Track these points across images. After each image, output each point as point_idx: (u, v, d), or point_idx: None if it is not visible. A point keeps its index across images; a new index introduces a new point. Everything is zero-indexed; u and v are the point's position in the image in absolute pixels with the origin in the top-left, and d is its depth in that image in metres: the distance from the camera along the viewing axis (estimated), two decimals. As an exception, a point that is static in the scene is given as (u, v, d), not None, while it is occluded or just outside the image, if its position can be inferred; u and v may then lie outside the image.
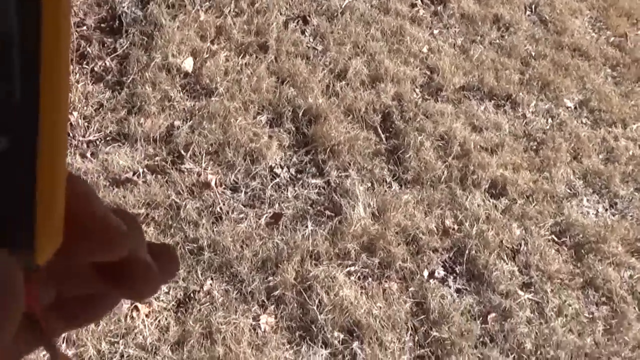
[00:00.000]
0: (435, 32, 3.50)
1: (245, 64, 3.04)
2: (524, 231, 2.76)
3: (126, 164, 2.63)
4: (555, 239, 2.79)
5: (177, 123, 2.79)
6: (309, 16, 3.34)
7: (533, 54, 3.56)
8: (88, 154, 2.64)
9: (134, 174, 2.61)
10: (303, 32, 3.29)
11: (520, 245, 2.71)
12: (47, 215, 0.28)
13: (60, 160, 0.29)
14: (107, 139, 2.71)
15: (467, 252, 2.62)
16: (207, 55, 3.02)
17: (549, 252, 2.71)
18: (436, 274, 2.56)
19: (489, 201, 2.82)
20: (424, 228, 2.65)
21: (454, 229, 2.70)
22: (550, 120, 3.25)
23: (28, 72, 0.26)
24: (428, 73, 3.28)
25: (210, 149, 2.73)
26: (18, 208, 0.28)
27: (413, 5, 3.59)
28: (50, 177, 0.28)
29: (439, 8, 3.61)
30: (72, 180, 0.30)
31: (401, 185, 2.79)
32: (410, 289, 2.49)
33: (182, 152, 2.69)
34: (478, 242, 2.65)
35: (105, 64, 2.94)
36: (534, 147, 3.10)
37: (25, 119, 0.26)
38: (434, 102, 3.14)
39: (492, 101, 3.25)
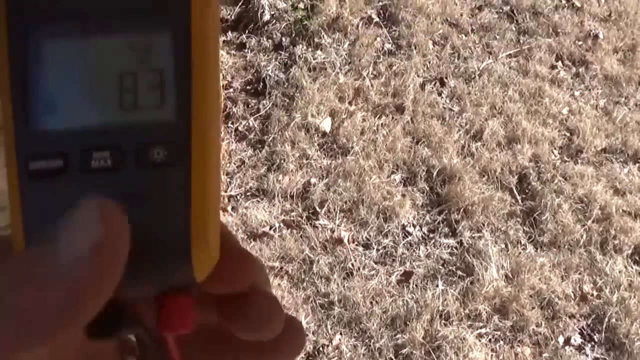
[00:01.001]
0: (577, 93, 3.43)
1: (382, 124, 3.11)
2: (670, 301, 2.60)
3: (264, 219, 2.74)
4: None
5: (313, 180, 2.88)
6: (446, 78, 3.38)
7: (683, 116, 3.40)
8: (229, 208, 2.78)
9: (270, 228, 2.71)
10: (440, 94, 3.32)
11: (666, 316, 2.55)
12: (203, 228, 0.30)
13: (213, 176, 0.31)
14: (247, 194, 2.84)
15: (606, 319, 2.51)
16: (345, 116, 3.12)
17: (698, 324, 2.54)
18: (572, 341, 2.46)
19: (632, 267, 2.69)
20: (560, 292, 2.56)
21: (592, 295, 2.59)
22: (701, 185, 3.07)
23: (182, 96, 0.30)
24: (567, 135, 3.21)
25: (344, 206, 2.79)
26: (174, 220, 0.29)
27: (553, 67, 3.54)
28: (203, 190, 0.30)
29: (580, 69, 3.55)
30: None
31: (537, 248, 2.72)
32: (544, 355, 2.40)
33: (317, 208, 2.77)
34: (619, 309, 2.53)
35: (249, 123, 3.10)
36: (683, 212, 2.94)
37: (180, 134, 0.30)
38: (573, 164, 3.06)
39: (637, 164, 3.12)
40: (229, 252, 0.32)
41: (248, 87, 3.27)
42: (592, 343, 2.47)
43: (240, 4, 3.54)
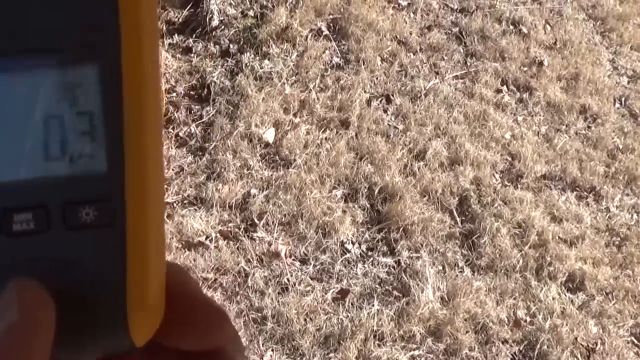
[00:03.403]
0: (520, 118, 3.47)
1: (326, 138, 3.08)
2: (601, 330, 2.63)
3: (200, 228, 2.67)
4: (635, 341, 2.64)
5: (253, 191, 2.82)
6: (393, 95, 3.37)
7: (620, 147, 3.46)
8: (164, 216, 2.70)
9: (206, 238, 2.65)
10: (385, 111, 3.31)
11: (597, 345, 2.58)
12: (140, 292, 0.27)
13: (153, 233, 0.28)
14: (184, 202, 2.77)
15: (538, 346, 2.52)
16: (289, 128, 3.08)
17: (627, 354, 2.57)
18: (504, 367, 2.46)
19: (565, 295, 2.71)
20: (495, 317, 2.57)
21: (526, 320, 2.60)
22: (635, 215, 3.12)
23: (112, 145, 0.26)
24: (509, 159, 3.23)
25: (283, 220, 2.74)
26: (107, 286, 0.27)
27: (498, 91, 3.57)
28: (141, 251, 0.27)
29: (524, 95, 3.58)
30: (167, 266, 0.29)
31: (474, 271, 2.72)
32: (475, 380, 2.39)
33: (256, 220, 2.72)
34: (551, 337, 2.54)
35: (190, 129, 3.03)
36: (617, 242, 2.99)
37: (112, 188, 0.26)
38: (513, 188, 3.08)
39: (575, 192, 3.17)
40: (195, 304, 0.30)
41: (192, 93, 3.20)
42: (524, 369, 2.47)
43: (188, 7, 3.47)
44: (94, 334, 0.27)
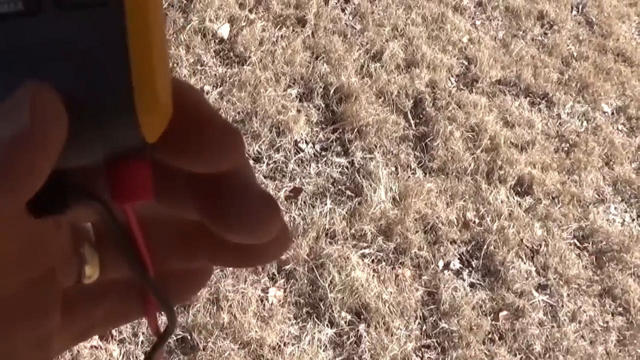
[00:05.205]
0: (478, 22, 3.44)
1: (282, 36, 3.01)
2: (545, 232, 2.70)
3: (152, 124, 2.62)
4: (577, 243, 2.73)
5: (207, 88, 2.77)
6: (351, -6, 3.30)
7: (575, 54, 3.48)
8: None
9: (158, 134, 2.60)
10: (343, 10, 3.24)
11: (541, 246, 2.66)
12: (146, 77, 0.24)
13: (155, 14, 0.25)
14: (136, 96, 2.71)
15: (485, 247, 2.58)
16: (244, 24, 3.00)
17: (569, 256, 2.66)
18: (451, 266, 2.52)
19: (514, 198, 2.77)
20: (444, 218, 2.61)
21: (474, 222, 2.65)
22: (585, 123, 3.17)
23: None
24: (465, 63, 3.22)
25: (237, 117, 2.71)
26: (110, 69, 0.24)
27: (458, -6, 3.53)
28: (143, 28, 0.24)
29: (483, -1, 3.55)
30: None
31: (425, 173, 2.75)
32: (423, 278, 2.45)
33: (209, 117, 2.67)
34: (498, 238, 2.61)
35: (142, 22, 2.93)
36: (566, 148, 3.04)
37: None
38: (468, 92, 3.08)
39: (528, 98, 3.19)
40: (204, 117, 0.26)
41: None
42: (470, 268, 2.54)
43: None
44: (99, 126, 0.24)
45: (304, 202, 2.53)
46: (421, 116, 2.94)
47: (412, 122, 2.90)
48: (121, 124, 0.25)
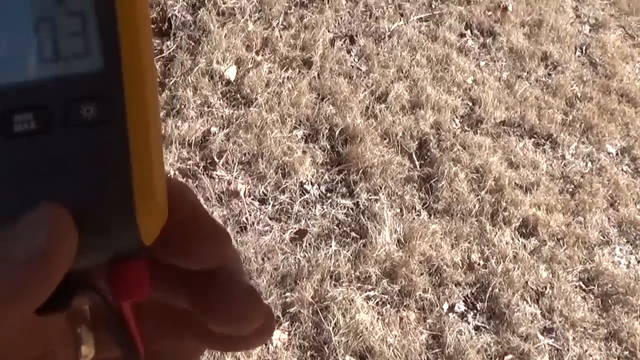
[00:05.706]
0: (482, 63, 3.47)
1: (288, 77, 3.05)
2: (550, 274, 2.70)
3: (159, 165, 2.64)
4: (583, 285, 2.73)
5: (213, 129, 2.80)
6: (357, 36, 3.34)
7: (579, 95, 3.50)
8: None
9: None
10: (349, 52, 3.28)
11: (546, 289, 2.65)
12: (145, 187, 0.27)
13: (152, 129, 0.28)
14: (143, 138, 2.73)
15: (490, 289, 2.58)
16: (251, 65, 3.04)
17: (574, 298, 2.65)
18: (456, 308, 2.52)
19: (518, 240, 2.77)
20: (449, 260, 2.61)
21: (479, 264, 2.66)
22: (590, 164, 3.19)
23: (108, 43, 0.26)
24: (470, 104, 3.25)
25: (243, 159, 2.73)
26: (113, 181, 0.27)
27: (462, 35, 3.56)
28: (143, 146, 0.27)
29: (487, 40, 3.58)
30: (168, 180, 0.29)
31: (430, 215, 2.76)
32: (428, 321, 2.45)
33: (216, 158, 2.70)
34: (503, 280, 2.61)
35: (150, 64, 2.97)
36: (570, 189, 3.05)
37: (111, 86, 0.26)
38: (472, 133, 3.11)
39: (532, 139, 3.21)
40: (195, 219, 0.30)
41: (152, 26, 3.13)
42: (475, 311, 2.54)
43: (149, -64, 3.36)
44: (102, 232, 0.27)
45: (309, 244, 2.54)
46: (426, 157, 2.96)
47: (416, 163, 2.92)
48: (122, 229, 0.27)
